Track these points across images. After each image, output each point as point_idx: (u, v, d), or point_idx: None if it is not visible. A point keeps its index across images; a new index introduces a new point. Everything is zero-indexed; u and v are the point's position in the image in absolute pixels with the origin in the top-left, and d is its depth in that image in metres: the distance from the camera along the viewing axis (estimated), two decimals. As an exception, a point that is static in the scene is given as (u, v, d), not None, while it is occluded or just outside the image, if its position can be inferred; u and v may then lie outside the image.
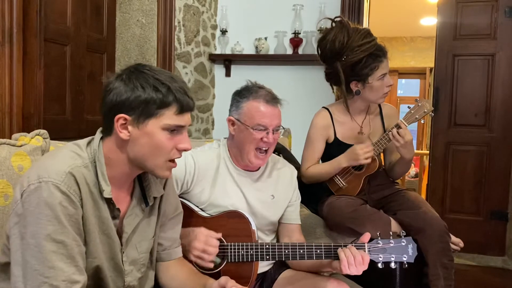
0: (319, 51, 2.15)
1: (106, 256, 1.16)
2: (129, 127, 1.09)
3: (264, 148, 1.58)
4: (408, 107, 2.00)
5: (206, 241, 1.47)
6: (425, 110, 1.95)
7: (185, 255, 1.48)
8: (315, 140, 2.12)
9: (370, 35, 2.03)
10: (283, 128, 1.63)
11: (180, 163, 1.59)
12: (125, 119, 1.08)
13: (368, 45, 1.99)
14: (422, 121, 1.99)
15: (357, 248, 1.42)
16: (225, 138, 1.74)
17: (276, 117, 1.57)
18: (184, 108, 1.11)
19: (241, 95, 1.61)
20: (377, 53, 2.00)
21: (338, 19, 2.10)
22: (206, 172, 1.63)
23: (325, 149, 2.15)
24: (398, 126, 1.94)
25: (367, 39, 2.00)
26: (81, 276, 1.04)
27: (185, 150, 1.15)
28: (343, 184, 2.08)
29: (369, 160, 1.96)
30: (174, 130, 1.11)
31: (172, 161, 1.15)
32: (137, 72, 1.10)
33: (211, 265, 1.49)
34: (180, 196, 1.63)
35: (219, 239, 1.53)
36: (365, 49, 1.99)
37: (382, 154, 2.20)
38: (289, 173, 1.76)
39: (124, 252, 1.20)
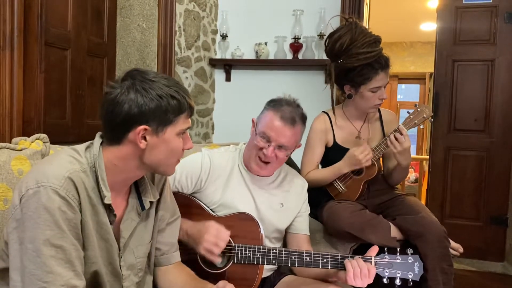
0: (325, 47, 2.17)
1: (104, 261, 1.16)
2: (148, 137, 1.11)
3: (262, 159, 1.59)
4: (408, 112, 2.00)
5: (218, 234, 1.48)
6: (424, 116, 1.94)
7: (195, 248, 1.49)
8: (314, 144, 2.12)
9: (375, 45, 2.00)
10: (290, 151, 1.61)
11: (197, 162, 1.64)
12: (146, 129, 1.09)
13: (366, 55, 1.97)
14: (421, 126, 1.99)
15: (364, 261, 1.42)
16: (244, 143, 1.76)
17: (284, 136, 1.56)
18: (192, 111, 1.16)
19: (270, 102, 1.65)
20: (375, 65, 1.97)
21: (350, 19, 2.08)
22: (220, 173, 1.66)
23: (325, 153, 2.15)
24: (397, 131, 1.94)
25: (369, 48, 1.97)
26: (79, 280, 1.05)
27: (188, 149, 1.20)
28: (342, 189, 2.08)
29: (369, 163, 1.96)
30: (183, 133, 1.16)
31: (178, 159, 1.21)
32: (148, 81, 1.10)
33: (219, 259, 1.50)
34: (193, 195, 1.66)
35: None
36: (362, 59, 1.97)
37: (381, 159, 2.20)
38: (300, 185, 1.80)
39: (122, 257, 1.20)
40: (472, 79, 3.40)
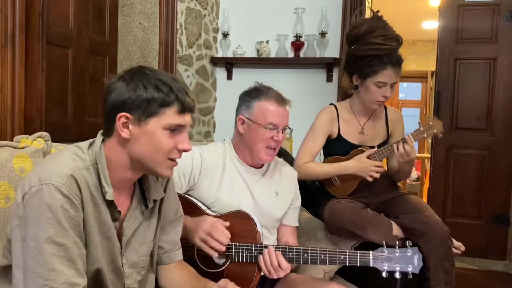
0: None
1: (106, 259, 1.16)
2: (130, 126, 1.10)
3: (273, 146, 1.63)
4: (419, 123, 1.99)
5: (213, 225, 1.49)
6: (435, 131, 1.94)
7: (192, 241, 1.50)
8: (318, 134, 2.12)
9: (391, 40, 1.99)
10: (290, 128, 1.69)
11: (187, 159, 1.63)
12: (127, 117, 1.09)
13: (377, 46, 1.97)
14: (429, 140, 1.98)
15: (361, 256, 1.42)
16: (229, 138, 1.77)
17: (285, 117, 1.65)
18: (185, 107, 1.12)
19: (252, 95, 1.66)
20: (384, 59, 1.97)
21: (377, 12, 2.11)
22: (213, 168, 1.66)
23: (328, 145, 2.15)
24: (404, 141, 1.93)
25: (382, 41, 1.98)
26: (81, 279, 1.04)
27: (184, 151, 1.16)
28: (337, 183, 2.09)
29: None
30: (174, 129, 1.12)
31: (173, 159, 1.15)
32: (139, 73, 1.11)
33: (215, 254, 1.50)
34: (188, 192, 1.66)
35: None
36: (373, 49, 1.98)
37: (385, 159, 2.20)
38: (290, 173, 1.83)
39: (124, 255, 1.20)
40: (474, 77, 3.39)
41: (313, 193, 2.17)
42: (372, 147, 2.08)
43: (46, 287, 0.99)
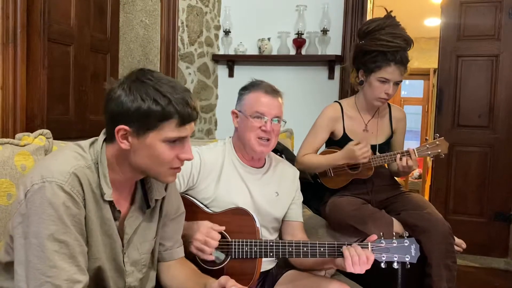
0: None
1: (108, 257, 1.16)
2: (129, 138, 1.09)
3: (264, 138, 1.60)
4: (426, 139, 2.01)
5: (208, 233, 1.49)
6: (439, 151, 1.98)
7: (187, 247, 1.48)
8: (320, 129, 2.14)
9: (399, 39, 2.00)
10: (284, 121, 1.66)
11: None
12: (125, 130, 1.07)
13: (384, 43, 1.98)
14: (431, 157, 2.03)
15: (361, 247, 1.42)
16: (230, 137, 1.77)
17: (275, 107, 1.61)
18: (185, 120, 1.09)
19: (244, 89, 1.68)
20: (389, 56, 1.98)
21: (391, 12, 2.13)
22: (212, 168, 1.65)
23: (333, 144, 2.16)
24: (408, 154, 1.97)
25: (390, 38, 1.99)
26: (82, 276, 1.05)
27: (186, 160, 1.14)
28: (330, 174, 2.12)
29: (366, 160, 1.96)
30: (175, 141, 1.11)
31: (176, 167, 1.15)
32: (138, 82, 1.07)
33: (212, 258, 1.50)
34: (186, 192, 1.65)
35: (222, 234, 1.55)
36: (380, 45, 1.99)
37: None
38: (291, 173, 1.80)
39: (126, 253, 1.20)
40: (476, 74, 3.39)
41: (315, 191, 2.18)
42: (375, 145, 2.10)
43: (48, 284, 0.99)
